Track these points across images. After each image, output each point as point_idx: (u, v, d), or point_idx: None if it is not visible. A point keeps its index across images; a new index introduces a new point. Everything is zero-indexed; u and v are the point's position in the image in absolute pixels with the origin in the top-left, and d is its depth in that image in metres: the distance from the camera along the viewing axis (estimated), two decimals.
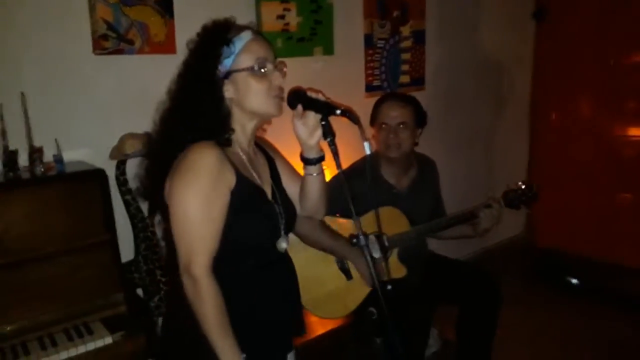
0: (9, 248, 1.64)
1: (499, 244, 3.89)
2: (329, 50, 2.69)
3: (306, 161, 1.35)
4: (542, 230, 3.97)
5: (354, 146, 1.18)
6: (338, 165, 1.23)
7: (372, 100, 2.30)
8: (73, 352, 1.58)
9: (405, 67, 3.08)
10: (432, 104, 3.17)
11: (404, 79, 3.09)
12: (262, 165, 1.39)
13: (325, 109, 1.24)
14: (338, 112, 1.22)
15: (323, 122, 1.26)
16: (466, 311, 2.22)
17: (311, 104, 1.26)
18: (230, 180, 1.20)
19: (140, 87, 2.12)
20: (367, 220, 1.65)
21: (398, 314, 1.25)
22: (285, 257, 1.37)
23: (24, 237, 1.66)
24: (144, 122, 2.03)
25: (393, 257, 2.12)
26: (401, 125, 2.14)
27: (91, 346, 1.61)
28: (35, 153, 1.77)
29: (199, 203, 1.15)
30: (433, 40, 3.20)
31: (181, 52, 2.10)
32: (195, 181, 1.15)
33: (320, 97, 1.27)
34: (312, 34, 2.60)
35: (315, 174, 1.36)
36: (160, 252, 2.06)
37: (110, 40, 2.01)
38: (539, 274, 3.55)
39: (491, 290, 2.20)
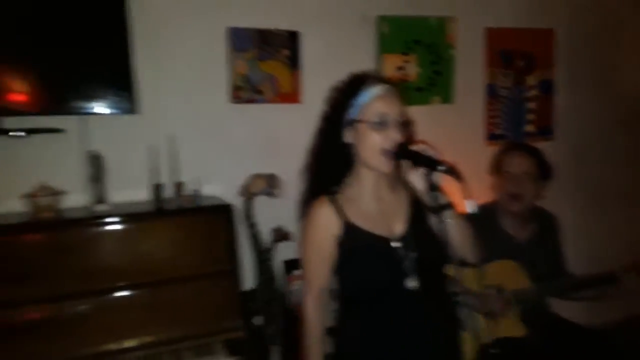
0: (151, 269, 1.88)
1: None
2: (447, 99, 2.72)
3: (434, 210, 1.32)
4: None
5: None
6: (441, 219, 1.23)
7: (493, 149, 2.26)
8: None
9: (530, 116, 2.98)
10: (562, 155, 3.00)
11: (529, 128, 2.98)
12: (398, 205, 1.43)
13: (428, 163, 1.24)
14: (441, 168, 1.21)
15: (427, 176, 1.25)
16: None
17: (415, 158, 1.27)
18: (335, 229, 1.37)
19: (268, 132, 2.36)
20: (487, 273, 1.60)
21: None
22: (421, 296, 1.34)
23: (163, 260, 1.90)
24: (271, 163, 2.25)
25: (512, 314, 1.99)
26: (525, 175, 2.07)
27: None
28: (178, 187, 2.04)
29: (310, 248, 1.42)
30: (563, 89, 3.07)
31: (306, 102, 2.32)
32: (307, 232, 1.42)
33: (425, 150, 1.26)
34: (430, 84, 2.68)
35: (449, 220, 1.32)
36: (278, 283, 2.18)
37: (245, 90, 2.28)
38: None
39: None
